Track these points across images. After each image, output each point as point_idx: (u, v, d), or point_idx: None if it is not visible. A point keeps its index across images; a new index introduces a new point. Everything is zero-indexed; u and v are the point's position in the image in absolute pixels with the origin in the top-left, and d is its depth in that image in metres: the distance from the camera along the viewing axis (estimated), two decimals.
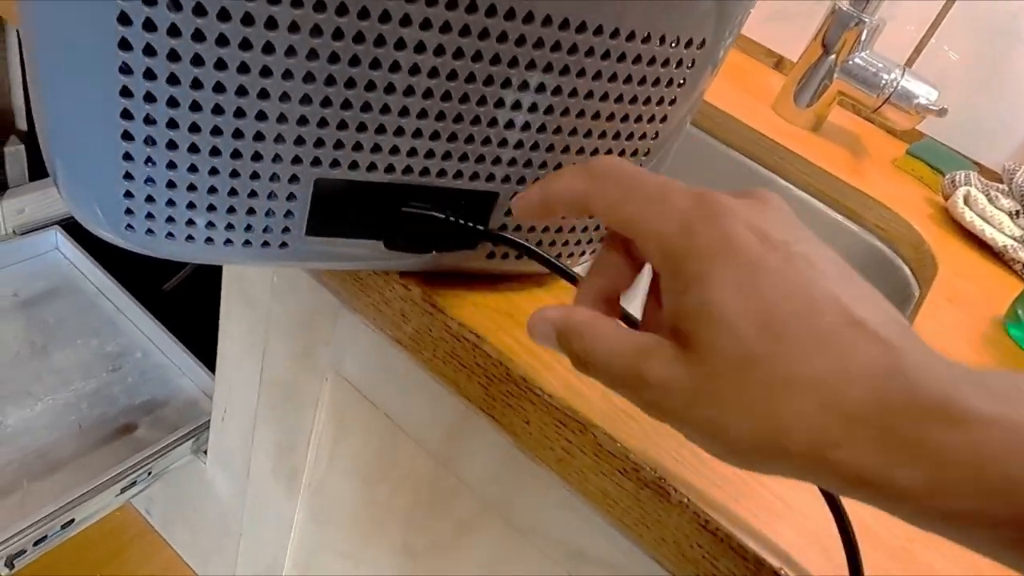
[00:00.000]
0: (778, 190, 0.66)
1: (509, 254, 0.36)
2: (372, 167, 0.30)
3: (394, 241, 0.32)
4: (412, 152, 0.30)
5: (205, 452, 0.66)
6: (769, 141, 0.64)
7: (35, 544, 0.56)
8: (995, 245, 0.58)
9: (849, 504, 0.28)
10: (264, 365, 0.51)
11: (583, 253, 0.38)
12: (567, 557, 0.40)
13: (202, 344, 0.69)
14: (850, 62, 0.64)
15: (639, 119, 0.33)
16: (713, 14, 0.30)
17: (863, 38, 0.63)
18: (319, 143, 0.29)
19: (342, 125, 0.28)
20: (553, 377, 0.34)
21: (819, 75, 0.66)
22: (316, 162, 0.29)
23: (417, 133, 0.29)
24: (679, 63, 0.31)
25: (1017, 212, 0.59)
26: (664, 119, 0.33)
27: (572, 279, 0.30)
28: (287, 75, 0.26)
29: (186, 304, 0.77)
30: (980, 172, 0.69)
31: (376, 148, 0.29)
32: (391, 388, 0.43)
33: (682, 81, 0.32)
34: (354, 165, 0.30)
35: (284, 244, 0.32)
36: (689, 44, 0.31)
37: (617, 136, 0.33)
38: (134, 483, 0.62)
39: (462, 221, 0.32)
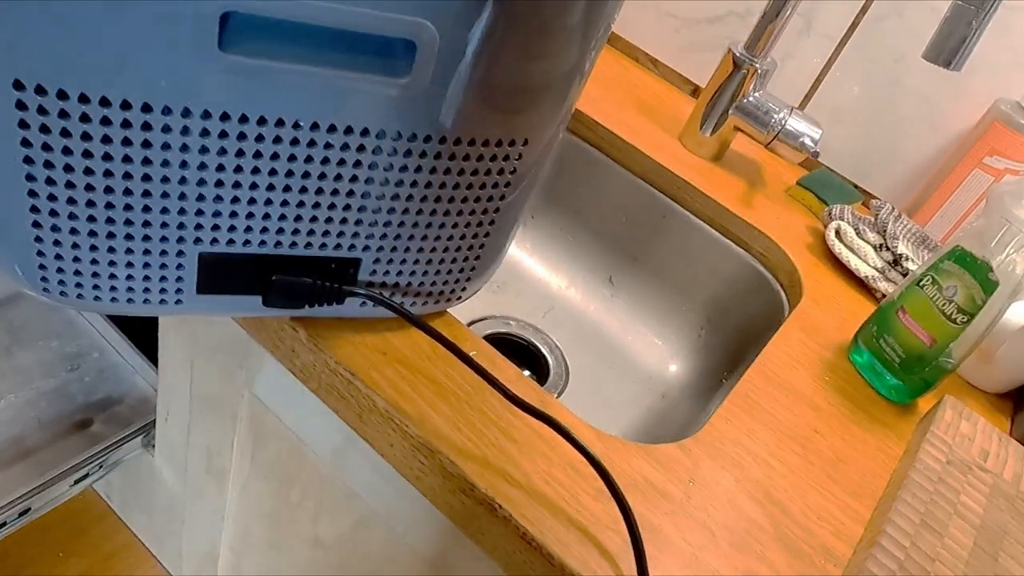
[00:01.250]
0: (678, 217, 0.72)
1: (387, 302, 0.42)
2: (246, 243, 0.36)
3: (270, 300, 0.39)
4: (279, 231, 0.36)
5: (154, 446, 0.73)
6: (668, 172, 0.71)
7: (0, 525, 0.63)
8: (859, 274, 0.64)
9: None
10: (193, 379, 0.58)
11: (447, 300, 0.45)
12: (432, 565, 0.47)
13: (153, 346, 0.76)
14: (744, 101, 0.70)
15: (477, 199, 0.39)
16: (527, 123, 0.36)
17: (757, 78, 0.69)
18: (199, 227, 0.35)
19: (216, 213, 0.35)
20: (412, 409, 0.41)
21: (718, 110, 0.72)
22: (198, 241, 0.36)
23: (280, 217, 0.36)
24: (507, 157, 0.38)
25: (881, 245, 0.65)
26: (502, 198, 0.40)
27: (420, 325, 0.37)
28: (164, 179, 0.32)
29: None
30: (867, 200, 0.75)
31: (247, 228, 0.36)
32: (292, 408, 0.50)
33: (513, 170, 0.38)
34: (230, 242, 0.36)
35: (179, 301, 0.38)
36: (512, 144, 0.37)
37: (460, 213, 0.39)
38: (87, 475, 0.69)
39: (326, 283, 0.38)
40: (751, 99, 0.70)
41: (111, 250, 0.35)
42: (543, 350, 0.71)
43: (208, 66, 0.29)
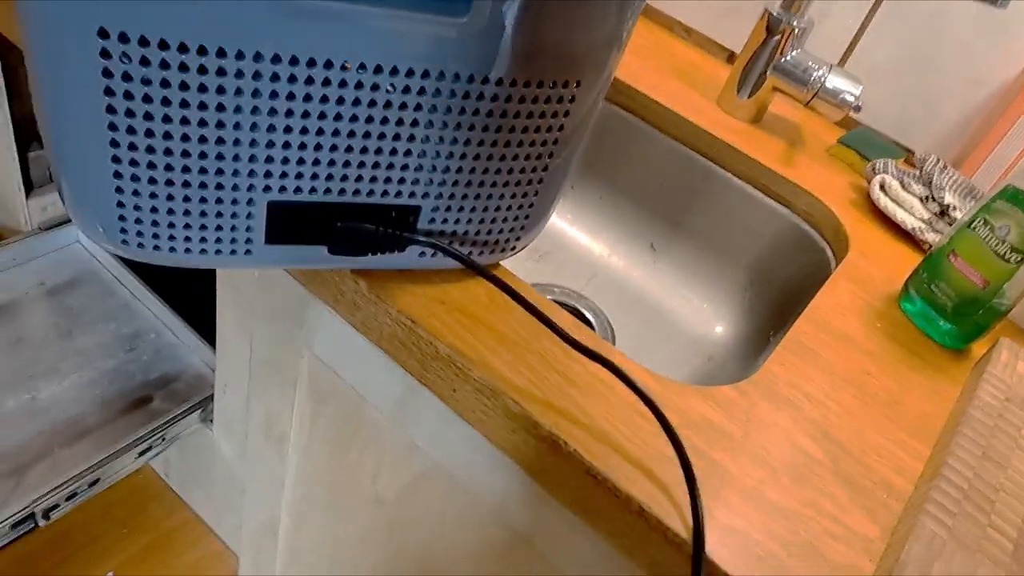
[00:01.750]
0: (718, 179, 0.72)
1: (437, 253, 0.43)
2: (312, 191, 0.38)
3: (335, 248, 0.40)
4: (343, 178, 0.38)
5: (212, 421, 0.75)
6: (707, 135, 0.71)
7: (67, 499, 0.65)
8: (905, 227, 0.64)
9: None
10: (253, 346, 0.59)
11: (501, 250, 0.46)
12: (493, 511, 0.48)
13: (208, 325, 0.78)
14: (782, 60, 0.70)
15: (532, 144, 0.40)
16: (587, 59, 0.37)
17: (794, 38, 0.69)
18: (268, 174, 0.36)
19: (284, 160, 0.36)
20: (473, 354, 0.42)
21: (756, 72, 0.72)
22: (267, 189, 0.37)
23: (344, 163, 0.37)
24: (560, 99, 0.38)
25: (927, 197, 0.65)
26: (556, 142, 0.40)
27: (481, 272, 0.38)
28: (236, 125, 0.34)
29: (193, 289, 0.85)
30: (909, 157, 0.75)
31: (314, 176, 0.37)
32: (353, 363, 0.51)
33: (567, 113, 0.39)
34: (297, 190, 0.37)
35: (248, 251, 0.40)
36: (566, 85, 0.38)
37: (516, 158, 0.40)
38: (150, 447, 0.71)
39: (388, 230, 0.40)
40: (789, 58, 0.70)
41: (186, 199, 0.36)
42: (588, 315, 0.72)
43: (276, 7, 0.30)
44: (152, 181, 0.35)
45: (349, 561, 0.67)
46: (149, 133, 0.33)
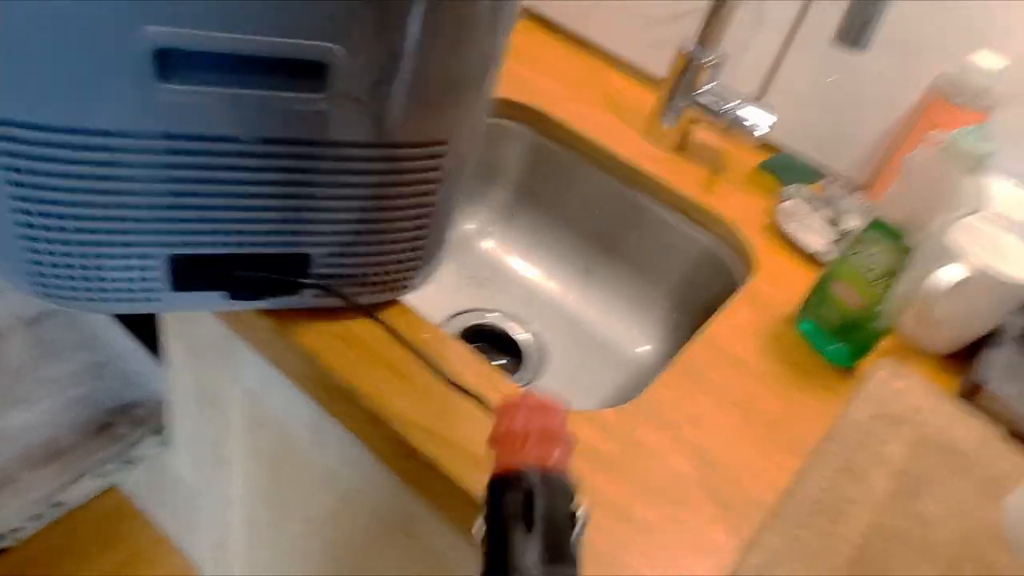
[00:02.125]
0: (644, 208, 0.76)
1: (339, 293, 0.48)
2: (209, 244, 0.42)
3: (236, 294, 0.44)
4: (237, 232, 0.42)
5: (167, 444, 0.79)
6: (628, 165, 0.75)
7: (30, 520, 0.70)
8: (808, 250, 0.68)
9: None
10: (196, 376, 0.64)
11: (393, 289, 0.50)
12: (405, 533, 0.52)
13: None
14: (698, 93, 0.74)
15: (410, 196, 0.44)
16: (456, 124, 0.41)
17: (709, 71, 0.73)
18: (167, 232, 0.41)
19: (180, 219, 0.40)
20: (368, 386, 0.46)
21: (676, 105, 0.76)
22: (167, 244, 0.41)
23: (235, 220, 0.41)
24: (434, 156, 0.43)
25: (832, 220, 0.69)
26: (435, 193, 0.45)
27: (363, 310, 0.42)
28: (131, 192, 0.38)
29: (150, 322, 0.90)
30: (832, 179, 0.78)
31: (210, 231, 0.41)
32: (273, 393, 0.56)
33: (438, 168, 0.43)
34: (195, 244, 0.42)
35: (158, 299, 0.44)
36: (440, 143, 0.42)
37: (398, 209, 0.44)
38: (112, 471, 0.75)
39: (279, 276, 0.44)
40: (705, 91, 0.74)
41: (94, 256, 0.41)
42: (520, 339, 0.76)
43: (153, 96, 0.35)
44: (59, 241, 0.40)
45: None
46: (53, 200, 0.38)
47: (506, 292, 0.81)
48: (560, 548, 0.24)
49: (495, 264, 0.83)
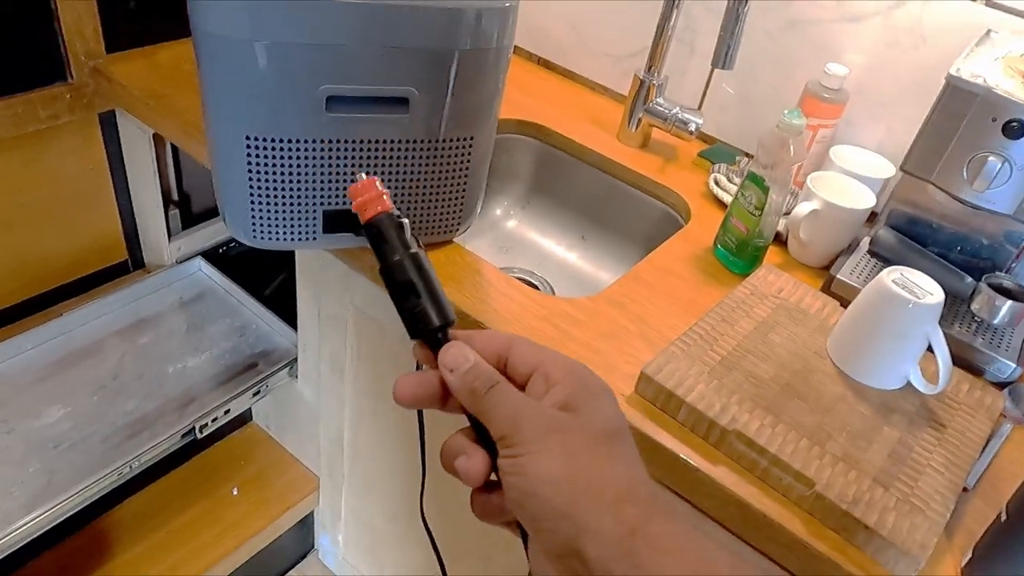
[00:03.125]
0: (619, 188, 1.08)
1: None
2: (346, 202, 0.75)
3: (358, 233, 0.78)
4: None
5: (296, 376, 1.13)
6: (608, 160, 1.07)
7: (212, 420, 1.03)
8: (726, 204, 0.98)
9: None
10: (320, 308, 0.97)
11: (448, 232, 0.82)
12: None
13: (290, 317, 1.17)
14: (650, 105, 1.06)
15: (455, 169, 0.77)
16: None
17: (656, 90, 1.05)
18: (324, 195, 0.74)
19: (331, 188, 0.74)
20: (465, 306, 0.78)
21: (636, 115, 1.08)
22: (323, 203, 0.75)
23: None
24: (466, 146, 0.76)
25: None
26: (468, 169, 0.78)
27: (434, 246, 0.75)
28: (307, 173, 0.72)
29: (279, 298, 1.25)
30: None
31: (346, 195, 0.75)
32: (375, 305, 0.89)
33: (470, 153, 0.76)
34: (336, 202, 0.75)
35: (314, 237, 0.78)
36: (468, 137, 0.75)
37: (449, 177, 0.77)
38: (258, 391, 1.09)
39: None
40: (654, 103, 1.06)
41: (285, 211, 0.74)
42: (537, 284, 1.08)
43: (322, 119, 0.69)
44: (268, 203, 0.74)
45: (393, 458, 1.03)
46: (267, 179, 0.72)
47: (526, 256, 1.13)
48: (406, 241, 0.40)
49: (517, 237, 1.15)
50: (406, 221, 0.41)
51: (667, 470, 0.66)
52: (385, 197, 0.40)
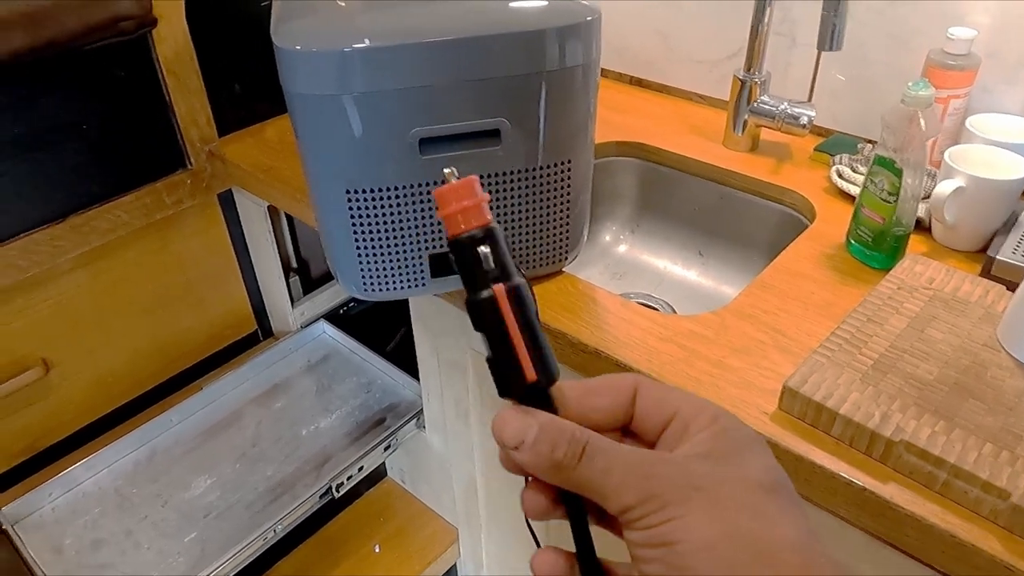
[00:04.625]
0: (731, 195, 1.02)
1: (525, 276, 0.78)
2: None
3: None
4: None
5: (424, 427, 1.12)
6: (714, 167, 1.02)
7: (347, 479, 1.04)
8: (853, 196, 0.90)
9: None
10: (439, 355, 0.97)
11: (556, 262, 0.80)
12: None
13: (413, 370, 1.17)
14: (754, 105, 1.00)
15: (555, 197, 0.74)
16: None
17: (759, 88, 1.00)
18: (427, 239, 0.74)
19: (434, 231, 0.73)
20: (553, 322, 0.76)
21: (740, 117, 1.02)
22: (427, 247, 0.74)
23: None
24: (565, 173, 0.73)
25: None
26: (569, 196, 0.75)
27: (540, 279, 0.72)
28: (411, 221, 0.72)
29: (401, 352, 1.26)
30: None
31: None
32: None
33: (570, 179, 0.74)
34: (441, 246, 0.74)
35: (423, 283, 0.77)
36: (564, 163, 0.73)
37: (550, 206, 0.75)
38: (389, 446, 1.09)
39: None
40: (759, 102, 1.00)
41: (392, 262, 0.74)
42: (657, 307, 1.03)
43: (417, 163, 0.68)
44: (374, 254, 0.74)
45: None
46: (370, 231, 0.72)
47: (642, 280, 1.08)
48: (506, 266, 0.31)
49: (630, 262, 1.11)
50: (501, 238, 0.32)
51: (826, 492, 0.59)
52: (483, 206, 0.32)
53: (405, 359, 1.19)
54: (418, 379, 1.11)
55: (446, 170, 0.32)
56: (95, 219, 1.02)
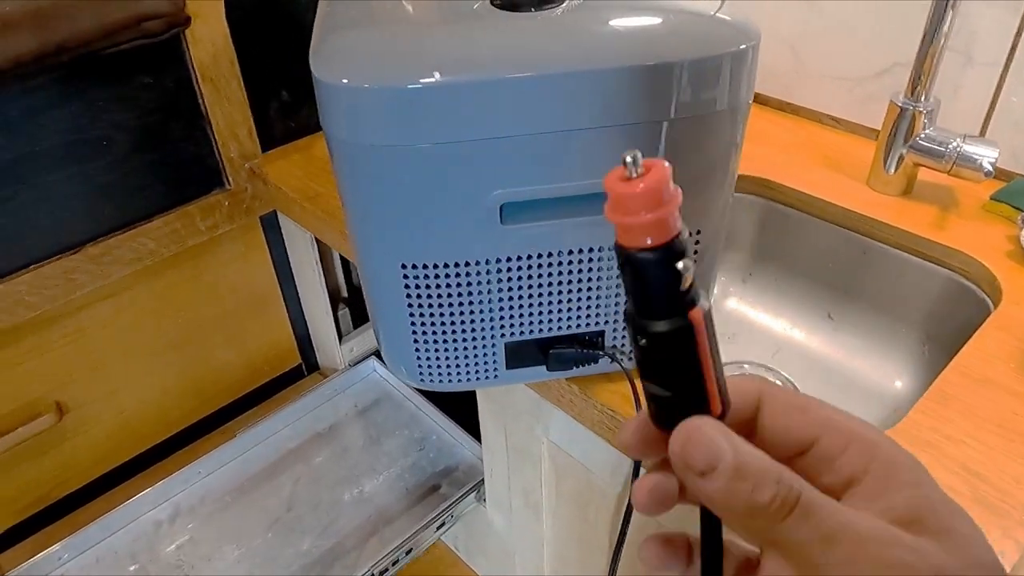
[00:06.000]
0: (875, 250, 0.82)
1: (622, 359, 0.61)
2: (532, 332, 0.57)
3: (551, 366, 0.59)
4: (551, 321, 0.57)
5: (485, 500, 0.96)
6: (856, 214, 0.82)
7: (392, 564, 0.89)
8: None
9: None
10: (507, 439, 0.80)
11: None
12: None
13: (474, 425, 1.01)
14: (917, 139, 0.80)
15: None
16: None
17: (924, 118, 0.79)
18: (503, 326, 0.56)
19: (512, 317, 0.56)
20: None
21: (896, 153, 0.81)
22: (503, 335, 0.57)
23: (550, 312, 0.56)
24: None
25: None
26: None
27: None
28: (481, 303, 0.54)
29: (461, 399, 1.10)
30: None
31: (532, 323, 0.57)
32: (578, 445, 0.69)
33: (695, 251, 0.55)
34: (523, 333, 0.57)
35: (496, 376, 0.60)
36: (697, 233, 0.54)
37: None
38: (443, 523, 0.93)
39: (584, 350, 0.58)
40: (923, 136, 0.79)
41: (456, 349, 0.57)
42: (777, 381, 0.83)
43: (498, 234, 0.51)
44: (436, 340, 0.57)
45: None
46: (432, 314, 0.55)
47: (756, 344, 0.89)
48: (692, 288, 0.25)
49: (740, 320, 0.92)
50: (689, 248, 0.24)
51: None
52: (674, 211, 0.24)
53: (465, 412, 1.03)
54: (479, 439, 0.95)
55: (628, 157, 0.23)
56: (116, 248, 0.88)
